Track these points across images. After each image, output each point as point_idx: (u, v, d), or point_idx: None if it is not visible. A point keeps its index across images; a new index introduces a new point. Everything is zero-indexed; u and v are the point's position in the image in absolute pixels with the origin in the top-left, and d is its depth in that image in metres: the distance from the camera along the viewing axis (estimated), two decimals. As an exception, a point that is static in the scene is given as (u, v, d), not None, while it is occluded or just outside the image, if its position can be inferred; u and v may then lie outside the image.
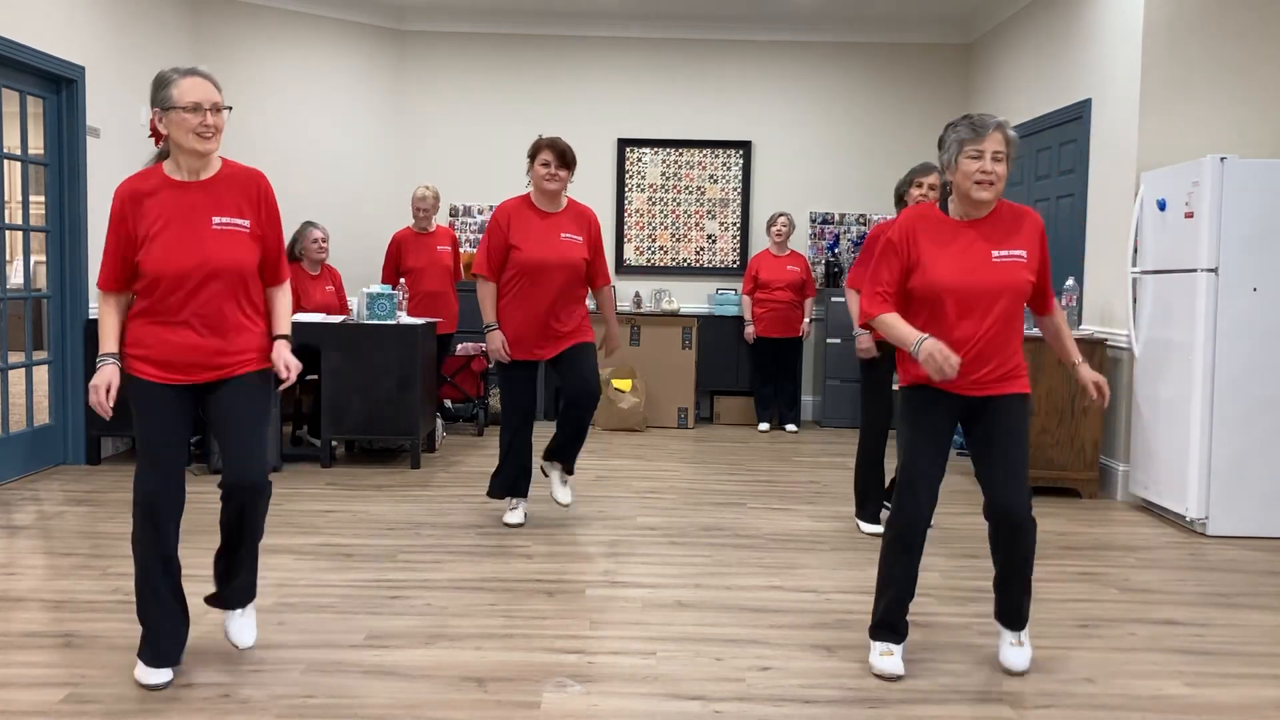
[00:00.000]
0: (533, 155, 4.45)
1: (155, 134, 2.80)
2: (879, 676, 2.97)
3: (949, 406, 2.97)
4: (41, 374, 7.25)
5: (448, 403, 7.36)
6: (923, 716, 2.72)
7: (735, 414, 8.00)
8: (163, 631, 2.82)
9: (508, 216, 4.45)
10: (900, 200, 4.56)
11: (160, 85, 2.72)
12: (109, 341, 2.77)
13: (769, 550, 4.33)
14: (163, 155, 2.84)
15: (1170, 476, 4.96)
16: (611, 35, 8.23)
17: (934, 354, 2.77)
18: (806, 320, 7.62)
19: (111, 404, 2.72)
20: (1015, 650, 3.04)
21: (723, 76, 8.29)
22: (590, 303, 8.13)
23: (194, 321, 2.76)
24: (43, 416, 5.96)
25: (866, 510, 4.65)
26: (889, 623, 3.02)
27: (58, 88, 5.67)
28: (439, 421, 6.66)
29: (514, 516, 4.64)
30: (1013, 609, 3.04)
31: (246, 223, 2.82)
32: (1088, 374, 3.01)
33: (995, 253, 2.89)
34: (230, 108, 2.79)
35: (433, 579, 3.82)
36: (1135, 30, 5.47)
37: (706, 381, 8.06)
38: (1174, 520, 5.02)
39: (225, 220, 2.78)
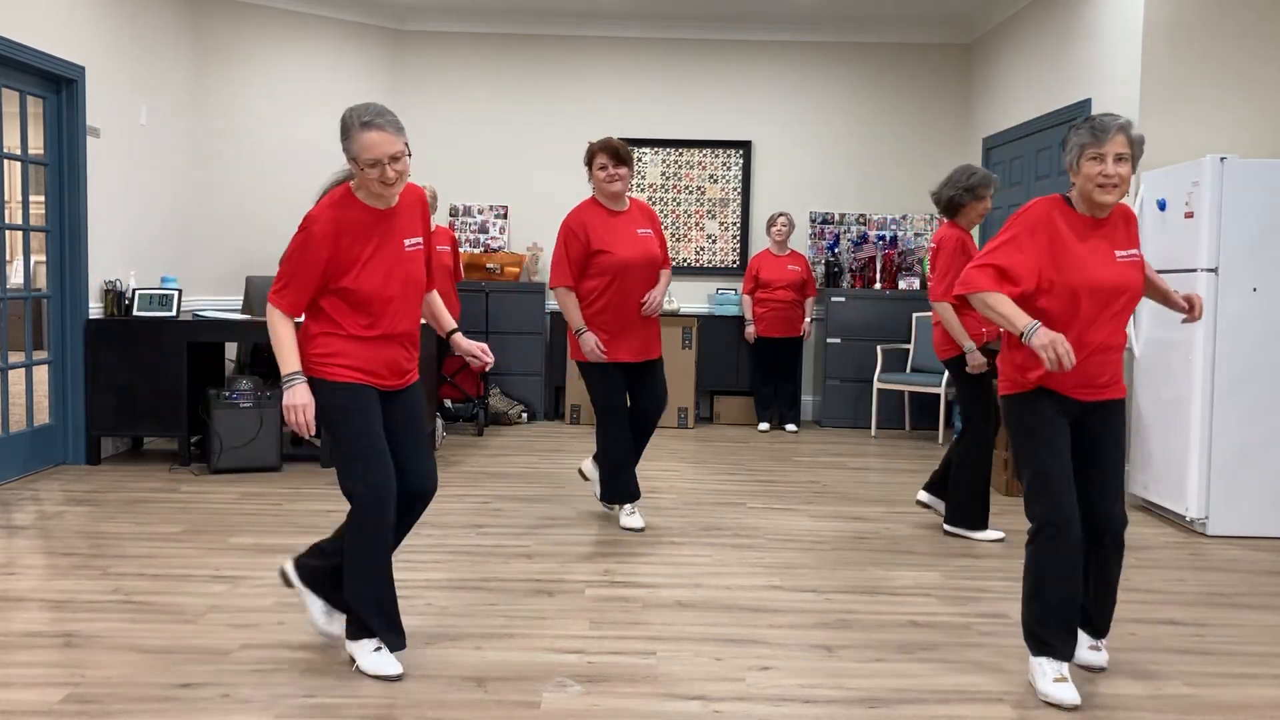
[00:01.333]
0: (589, 161, 4.50)
1: None
2: (1055, 704, 2.79)
3: (1065, 408, 2.88)
4: (41, 374, 7.25)
5: (448, 403, 7.36)
6: (923, 716, 2.72)
7: (735, 414, 8.00)
8: (393, 611, 2.95)
9: (582, 224, 4.49)
10: (955, 209, 4.54)
11: (344, 131, 2.79)
12: (295, 359, 2.86)
13: (769, 550, 4.33)
14: (350, 174, 2.93)
15: (1170, 476, 4.96)
16: (611, 35, 8.23)
17: (1054, 343, 2.64)
18: (807, 320, 7.63)
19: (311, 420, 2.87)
20: (1094, 653, 3.06)
21: (723, 76, 8.29)
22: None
23: (397, 337, 2.95)
24: (43, 416, 5.96)
25: (973, 519, 4.57)
26: (1050, 637, 2.84)
27: (58, 88, 5.67)
28: (439, 421, 6.66)
29: (635, 520, 4.64)
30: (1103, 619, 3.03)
31: (420, 240, 2.99)
32: (1180, 299, 3.02)
33: (1118, 253, 2.86)
34: (410, 153, 2.87)
35: (433, 579, 3.82)
36: (1135, 30, 5.47)
37: (706, 381, 8.06)
38: (1174, 520, 5.02)
39: (411, 241, 2.95)
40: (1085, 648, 3.06)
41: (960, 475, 4.52)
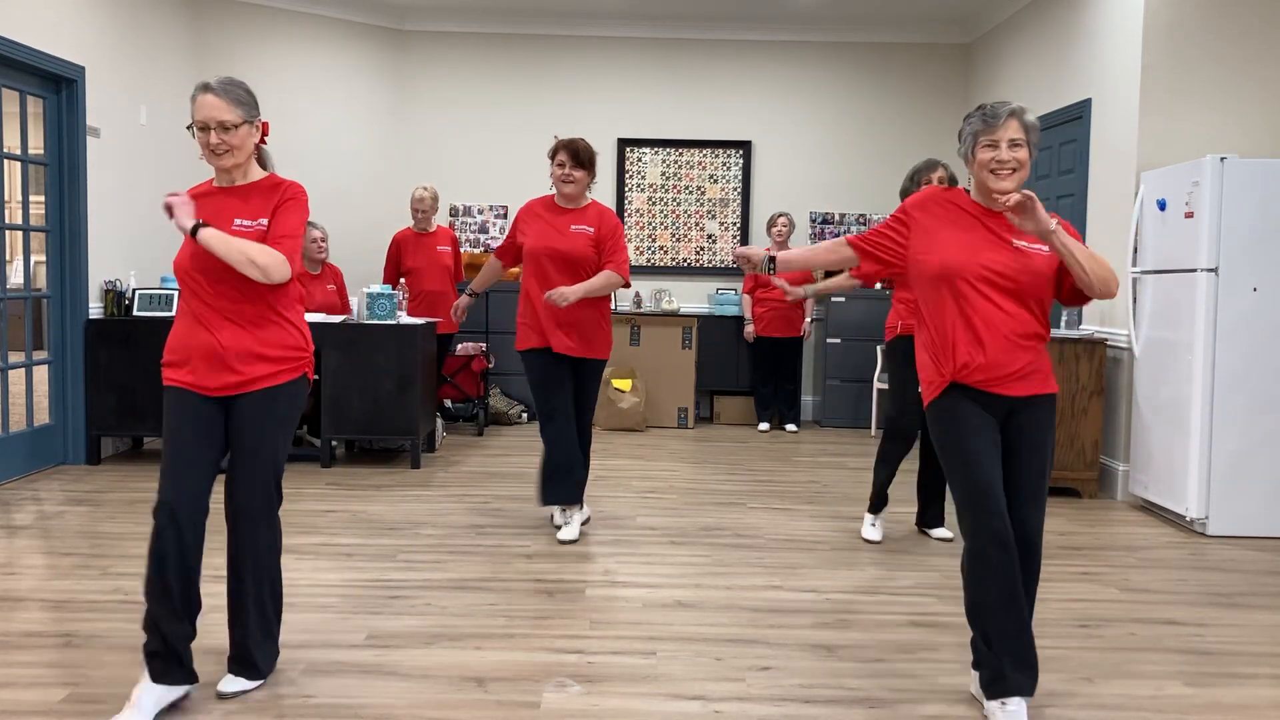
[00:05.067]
0: (551, 157, 4.48)
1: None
2: None
3: (989, 408, 2.73)
4: (41, 374, 7.25)
5: (448, 403, 7.36)
6: (923, 716, 2.72)
7: (735, 414, 8.00)
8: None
9: (526, 210, 4.57)
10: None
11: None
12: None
13: (769, 550, 4.33)
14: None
15: (1170, 476, 4.96)
16: (611, 35, 8.23)
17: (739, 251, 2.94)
18: (807, 320, 7.63)
19: None
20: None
21: (723, 76, 8.29)
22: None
23: (204, 320, 2.88)
24: (43, 416, 5.96)
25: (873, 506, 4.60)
26: (1001, 668, 2.63)
27: (58, 88, 5.67)
28: (439, 421, 6.66)
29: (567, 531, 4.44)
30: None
31: (254, 223, 2.75)
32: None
33: (1016, 241, 2.70)
34: (260, 134, 2.78)
35: (433, 579, 3.82)
36: (1135, 30, 5.47)
37: (706, 381, 8.06)
38: (1174, 520, 5.02)
39: (242, 222, 2.74)
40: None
41: (876, 467, 4.58)
